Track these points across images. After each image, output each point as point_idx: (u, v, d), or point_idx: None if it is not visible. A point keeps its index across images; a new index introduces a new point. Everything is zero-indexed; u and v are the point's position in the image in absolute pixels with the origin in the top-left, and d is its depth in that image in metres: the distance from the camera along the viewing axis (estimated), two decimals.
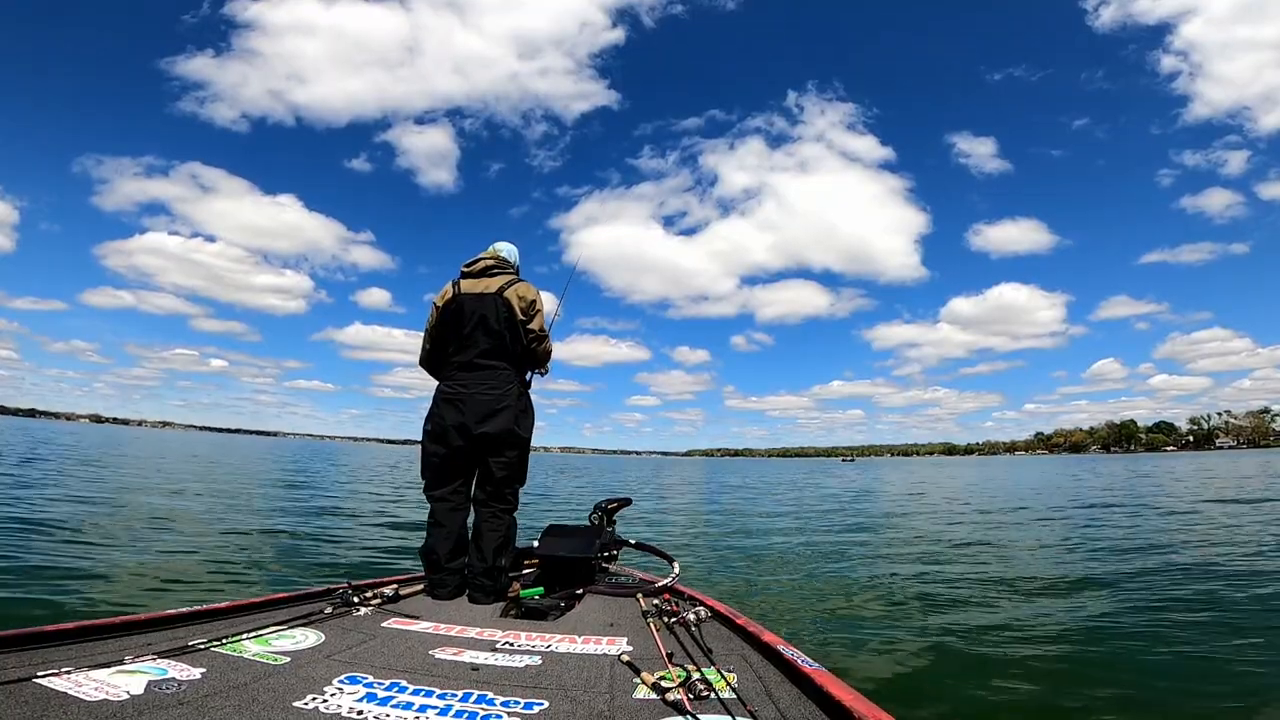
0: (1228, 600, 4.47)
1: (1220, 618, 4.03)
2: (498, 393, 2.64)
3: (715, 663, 1.59)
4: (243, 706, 1.28)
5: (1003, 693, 2.94)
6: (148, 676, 1.38)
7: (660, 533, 8.90)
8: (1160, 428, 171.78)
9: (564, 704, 1.38)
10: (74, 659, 1.45)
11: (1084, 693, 2.94)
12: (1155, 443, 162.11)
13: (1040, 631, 3.87)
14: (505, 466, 2.65)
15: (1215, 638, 3.64)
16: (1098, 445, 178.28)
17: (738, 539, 8.47)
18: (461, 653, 1.75)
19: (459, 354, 2.69)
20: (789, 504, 14.88)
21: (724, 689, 1.42)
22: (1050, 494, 16.61)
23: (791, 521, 10.78)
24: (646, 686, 1.44)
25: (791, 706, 1.35)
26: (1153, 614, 4.16)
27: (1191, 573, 5.40)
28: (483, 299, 2.68)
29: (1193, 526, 8.68)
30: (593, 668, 1.64)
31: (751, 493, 19.49)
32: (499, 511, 2.66)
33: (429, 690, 1.43)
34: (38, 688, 1.26)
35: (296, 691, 1.38)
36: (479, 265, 2.79)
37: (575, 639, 1.92)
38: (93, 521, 6.90)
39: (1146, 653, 3.44)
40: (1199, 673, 3.13)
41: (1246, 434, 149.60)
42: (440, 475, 2.67)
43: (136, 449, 31.46)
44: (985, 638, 3.76)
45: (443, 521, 2.63)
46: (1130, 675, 3.14)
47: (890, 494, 19.04)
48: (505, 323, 2.66)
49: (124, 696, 1.26)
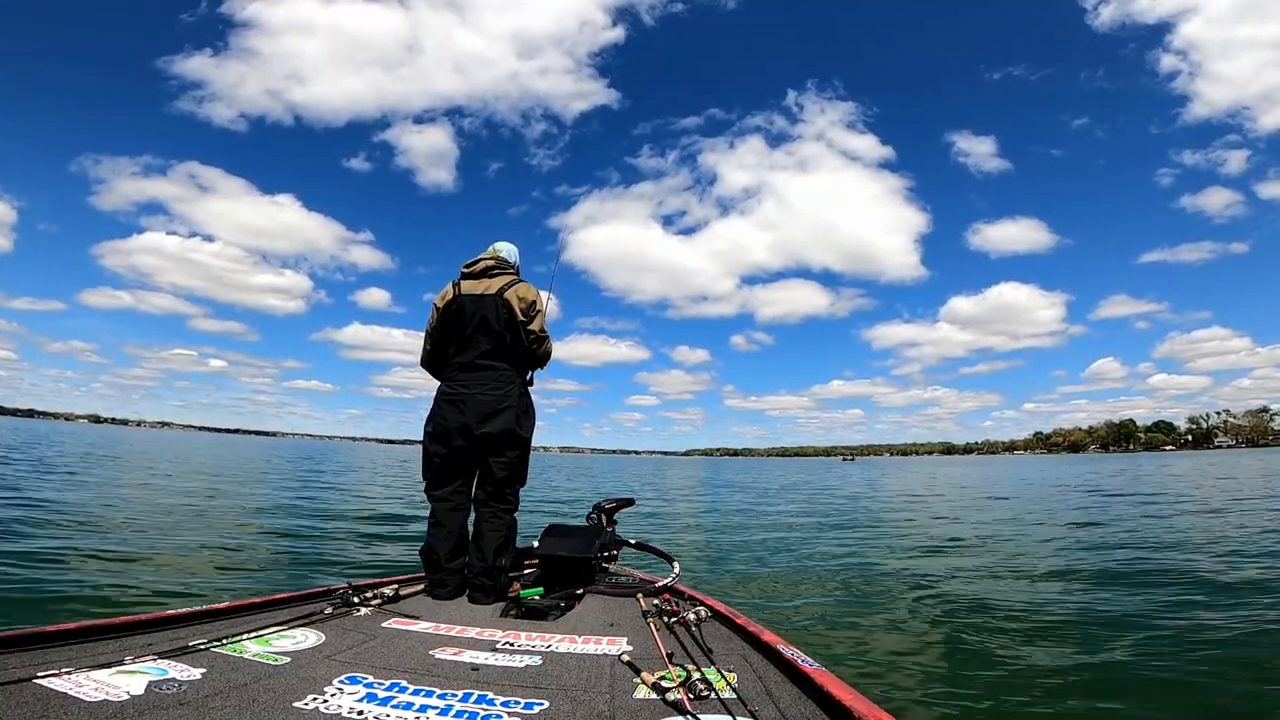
0: (1227, 600, 4.47)
1: (1220, 616, 4.03)
2: (499, 393, 2.64)
3: (715, 663, 1.59)
4: (243, 707, 1.28)
5: (1003, 692, 2.94)
6: (148, 677, 1.38)
7: (660, 533, 8.90)
8: (1159, 427, 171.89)
9: (564, 704, 1.38)
10: (74, 659, 1.45)
11: (1085, 693, 2.94)
12: (1154, 442, 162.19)
13: (1041, 631, 3.86)
14: (506, 467, 2.66)
15: (1216, 637, 3.63)
16: (1096, 445, 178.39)
17: (738, 539, 8.47)
18: (461, 653, 1.75)
19: (460, 355, 2.70)
20: (790, 504, 14.88)
21: (724, 689, 1.42)
22: (1049, 494, 16.61)
23: (792, 521, 10.78)
24: (647, 686, 1.45)
25: (792, 706, 1.35)
26: (1152, 614, 4.16)
27: (1190, 573, 5.40)
28: (483, 300, 2.68)
29: (1197, 524, 8.68)
30: (593, 668, 1.64)
31: (752, 493, 19.48)
32: (499, 512, 2.66)
33: (429, 690, 1.43)
34: (38, 688, 1.26)
35: (297, 692, 1.38)
36: (479, 266, 2.79)
37: (575, 639, 1.92)
38: (91, 522, 6.90)
39: (1147, 652, 3.44)
40: (1199, 672, 3.13)
41: (1245, 433, 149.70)
42: (441, 475, 2.68)
43: (136, 449, 31.43)
44: (986, 637, 3.76)
45: (443, 521, 2.63)
46: (1131, 675, 3.13)
47: (891, 493, 19.04)
48: (506, 323, 2.66)
49: (124, 697, 1.26)
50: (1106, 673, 3.18)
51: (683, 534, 9.05)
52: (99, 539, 5.99)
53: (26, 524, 6.35)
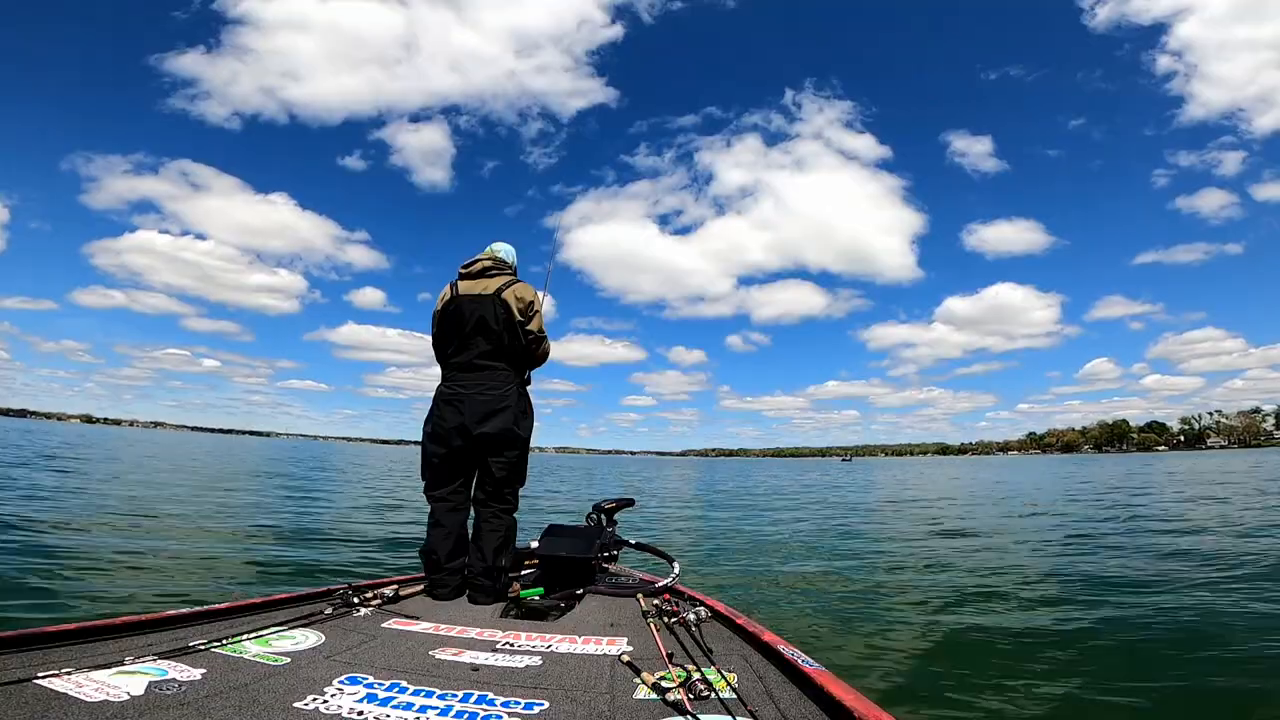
0: (1226, 598, 4.51)
1: (1218, 616, 4.06)
2: (497, 393, 2.65)
3: (715, 663, 1.59)
4: (243, 707, 1.28)
5: (1004, 692, 2.95)
6: (148, 677, 1.37)
7: (659, 533, 8.91)
8: (1152, 427, 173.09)
9: (564, 704, 1.38)
10: (74, 660, 1.44)
11: (1085, 693, 2.96)
12: (1147, 442, 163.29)
13: (1042, 631, 3.88)
14: (505, 466, 2.66)
15: (1215, 637, 3.66)
16: (1090, 445, 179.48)
17: (738, 539, 8.48)
18: (461, 653, 1.75)
19: (458, 355, 2.70)
20: (789, 504, 14.91)
21: (724, 689, 1.43)
22: (1048, 494, 16.70)
23: (792, 522, 10.80)
24: (647, 687, 1.45)
25: (792, 706, 1.36)
26: (1153, 613, 4.18)
27: (1188, 573, 5.44)
28: (481, 300, 2.68)
29: (1190, 523, 8.75)
30: (593, 668, 1.64)
31: (751, 493, 19.50)
32: (499, 512, 2.66)
33: (429, 691, 1.43)
34: (38, 688, 1.26)
35: (297, 692, 1.38)
36: (477, 266, 2.79)
37: (575, 639, 1.92)
38: (90, 521, 6.85)
39: (1147, 652, 3.46)
40: (1199, 672, 3.15)
41: (1237, 434, 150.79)
42: (440, 475, 2.68)
43: (130, 449, 31.23)
44: (986, 637, 3.78)
45: (443, 521, 2.63)
46: (1132, 675, 3.14)
47: (890, 494, 19.09)
48: (504, 324, 2.67)
49: (124, 697, 1.26)
50: (1107, 673, 3.19)
51: (682, 534, 9.06)
52: (99, 538, 5.95)
53: (27, 523, 6.30)
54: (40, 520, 6.62)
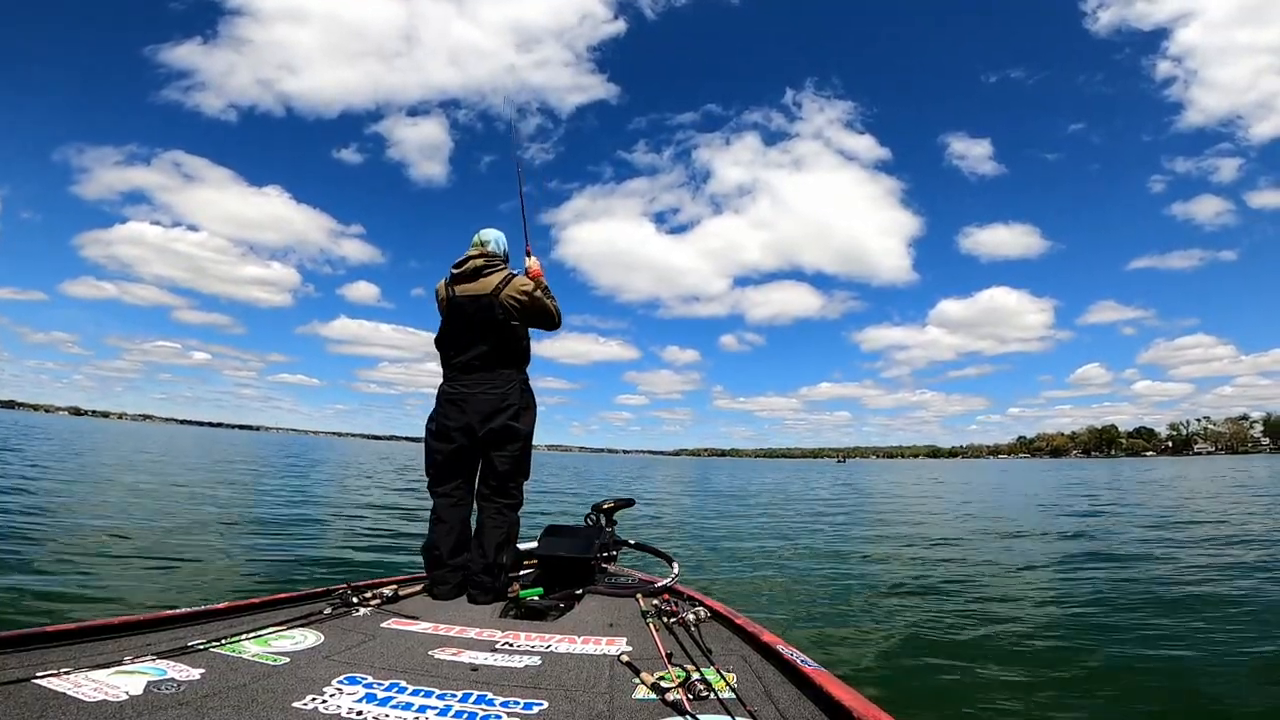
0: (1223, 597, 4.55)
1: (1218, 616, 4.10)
2: (499, 392, 2.66)
3: (715, 663, 1.60)
4: (242, 707, 1.28)
5: (1004, 692, 2.97)
6: (147, 677, 1.37)
7: (659, 533, 8.91)
8: (1140, 433, 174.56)
9: (564, 704, 1.39)
10: (73, 659, 1.43)
11: (1086, 693, 2.99)
12: (1135, 448, 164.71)
13: (1042, 632, 3.91)
14: (508, 460, 2.67)
15: (1215, 637, 3.70)
16: (1078, 449, 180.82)
17: (737, 540, 8.50)
18: (461, 653, 1.75)
19: (459, 355, 2.71)
20: (788, 505, 14.94)
21: (723, 689, 1.43)
22: (1046, 494, 16.81)
23: (791, 522, 10.83)
24: (646, 687, 1.45)
25: (791, 707, 1.36)
26: (1153, 613, 4.23)
27: (1187, 572, 5.50)
28: (479, 301, 2.68)
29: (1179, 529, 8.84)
30: (592, 668, 1.65)
31: (748, 493, 19.53)
32: (503, 508, 2.67)
33: (428, 690, 1.43)
34: (37, 688, 1.25)
35: (296, 692, 1.37)
36: (469, 266, 2.76)
37: (575, 639, 1.92)
38: (87, 521, 6.79)
39: (1148, 653, 3.50)
40: (1199, 671, 3.19)
41: (1225, 440, 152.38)
42: (444, 472, 2.69)
43: (120, 443, 30.90)
44: (986, 638, 3.81)
45: (445, 518, 2.64)
46: (1132, 675, 3.19)
47: (888, 495, 19.18)
48: (504, 324, 2.67)
49: (123, 697, 1.25)
50: (1108, 673, 3.23)
51: (682, 535, 9.07)
52: (97, 539, 5.90)
53: (25, 523, 6.23)
54: (38, 520, 6.55)
